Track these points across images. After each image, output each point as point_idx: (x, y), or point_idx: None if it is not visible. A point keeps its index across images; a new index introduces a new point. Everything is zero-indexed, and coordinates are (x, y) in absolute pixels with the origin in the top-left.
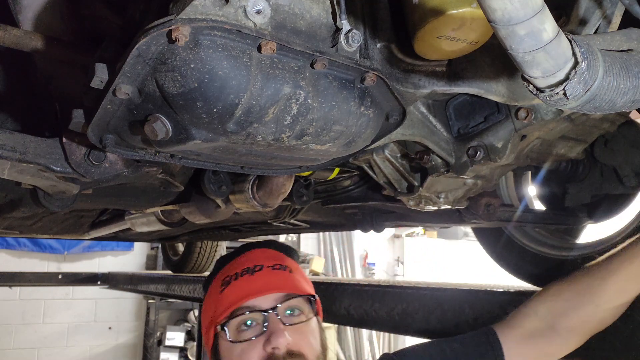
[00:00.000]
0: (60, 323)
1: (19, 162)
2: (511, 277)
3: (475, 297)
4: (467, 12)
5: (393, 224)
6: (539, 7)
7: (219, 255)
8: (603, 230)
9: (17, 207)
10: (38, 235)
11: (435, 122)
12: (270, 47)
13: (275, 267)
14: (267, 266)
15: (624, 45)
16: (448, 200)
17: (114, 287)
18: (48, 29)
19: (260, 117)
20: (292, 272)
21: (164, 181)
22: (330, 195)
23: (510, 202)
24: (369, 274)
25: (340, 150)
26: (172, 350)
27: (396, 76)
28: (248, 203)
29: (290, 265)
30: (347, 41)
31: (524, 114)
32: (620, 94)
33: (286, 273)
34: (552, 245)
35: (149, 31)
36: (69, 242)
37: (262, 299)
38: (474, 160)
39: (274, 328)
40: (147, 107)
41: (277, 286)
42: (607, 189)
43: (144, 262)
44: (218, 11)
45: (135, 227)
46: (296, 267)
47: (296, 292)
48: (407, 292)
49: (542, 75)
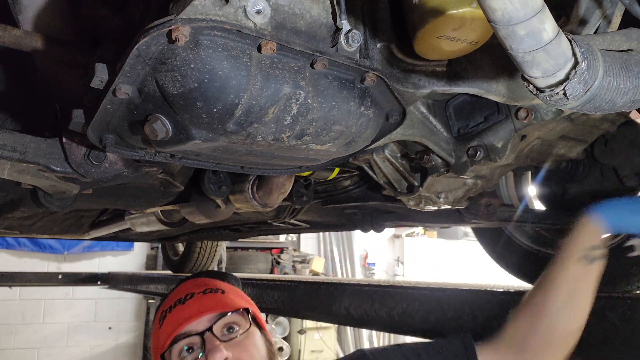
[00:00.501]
0: (60, 323)
1: (19, 162)
2: (511, 277)
3: (475, 297)
4: (467, 12)
5: (393, 224)
6: (539, 7)
7: (218, 255)
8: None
9: (17, 207)
10: (38, 235)
11: (435, 122)
12: (270, 47)
13: (206, 291)
14: (198, 292)
15: (624, 45)
16: (448, 200)
17: (114, 287)
18: (48, 29)
19: (260, 117)
20: (225, 293)
21: (164, 181)
22: (330, 195)
23: (510, 202)
24: (369, 274)
25: (340, 150)
26: None
27: (396, 76)
28: (248, 203)
29: (222, 287)
30: (347, 41)
31: (524, 114)
32: (620, 94)
33: (217, 295)
34: (553, 245)
35: (149, 31)
36: (69, 242)
37: (196, 323)
38: (474, 160)
39: (210, 347)
40: (147, 107)
41: (208, 308)
42: (607, 189)
43: (144, 262)
44: (218, 11)
45: (135, 227)
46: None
47: (229, 309)
48: (407, 292)
49: (542, 75)
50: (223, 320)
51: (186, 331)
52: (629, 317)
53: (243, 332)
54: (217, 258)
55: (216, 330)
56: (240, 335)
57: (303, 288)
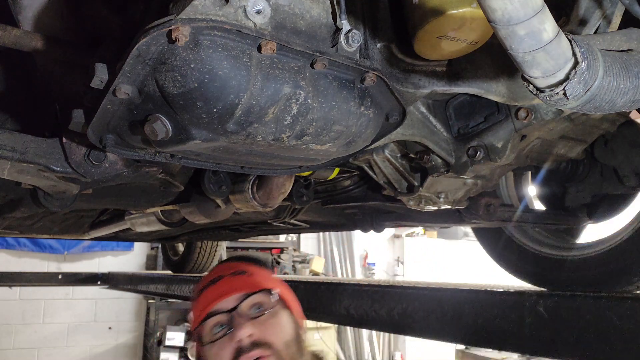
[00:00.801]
0: (60, 323)
1: (19, 162)
2: (511, 277)
3: (475, 297)
4: (467, 12)
5: (393, 224)
6: (539, 7)
7: (218, 255)
8: (603, 230)
9: (17, 207)
10: (38, 235)
11: (435, 122)
12: (270, 47)
13: (235, 273)
14: (228, 274)
15: (624, 45)
16: (448, 200)
17: (114, 287)
18: (48, 29)
19: (260, 117)
20: (253, 275)
21: (164, 181)
22: (330, 195)
23: (510, 202)
24: (369, 274)
25: (340, 150)
26: (172, 350)
27: (396, 76)
28: (248, 203)
29: (250, 269)
30: (347, 41)
31: (524, 114)
32: (620, 94)
33: (244, 276)
34: (552, 245)
35: (149, 31)
36: (69, 242)
37: (225, 302)
38: (474, 160)
39: (236, 324)
40: (147, 107)
41: (236, 288)
42: (607, 189)
43: (144, 262)
44: (218, 11)
45: (135, 227)
46: (258, 270)
47: (255, 289)
48: (407, 292)
49: (542, 75)
50: (250, 299)
51: (216, 309)
52: (629, 317)
53: (268, 311)
54: (217, 258)
55: (242, 309)
56: (266, 314)
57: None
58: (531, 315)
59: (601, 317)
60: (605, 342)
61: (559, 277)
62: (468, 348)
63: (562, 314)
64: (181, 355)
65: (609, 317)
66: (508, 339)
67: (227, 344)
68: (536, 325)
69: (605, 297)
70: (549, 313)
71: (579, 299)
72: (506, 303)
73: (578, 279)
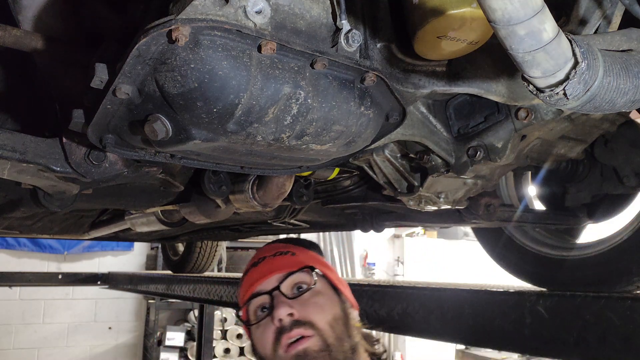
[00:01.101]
0: (60, 323)
1: (19, 162)
2: (511, 277)
3: (475, 297)
4: (467, 12)
5: (393, 224)
6: (539, 7)
7: (218, 255)
8: (603, 230)
9: (17, 207)
10: (38, 235)
11: (435, 122)
12: (270, 47)
13: (276, 254)
14: (269, 256)
15: (624, 45)
16: (448, 200)
17: (114, 287)
18: (48, 29)
19: (260, 117)
20: (294, 255)
21: (164, 181)
22: (330, 195)
23: (510, 202)
24: (369, 274)
25: (340, 150)
26: (172, 350)
27: (396, 76)
28: (248, 203)
29: (292, 249)
30: (347, 41)
31: (524, 114)
32: (620, 94)
33: (286, 257)
34: (552, 245)
35: (149, 31)
36: (69, 242)
37: (266, 283)
38: (474, 160)
39: (276, 303)
40: (147, 107)
41: (276, 268)
42: (607, 189)
43: (144, 262)
44: (218, 11)
45: (135, 227)
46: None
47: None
48: (407, 292)
49: (542, 75)
50: (290, 278)
51: (258, 290)
52: (629, 317)
53: (308, 289)
54: (217, 258)
55: (283, 288)
56: (308, 292)
57: None
58: (531, 315)
59: (601, 317)
60: (605, 342)
61: (559, 277)
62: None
63: (562, 314)
64: (181, 355)
65: (609, 317)
66: (508, 339)
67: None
68: (536, 325)
69: (605, 297)
70: (549, 313)
71: (579, 299)
72: (506, 303)
73: (578, 279)
